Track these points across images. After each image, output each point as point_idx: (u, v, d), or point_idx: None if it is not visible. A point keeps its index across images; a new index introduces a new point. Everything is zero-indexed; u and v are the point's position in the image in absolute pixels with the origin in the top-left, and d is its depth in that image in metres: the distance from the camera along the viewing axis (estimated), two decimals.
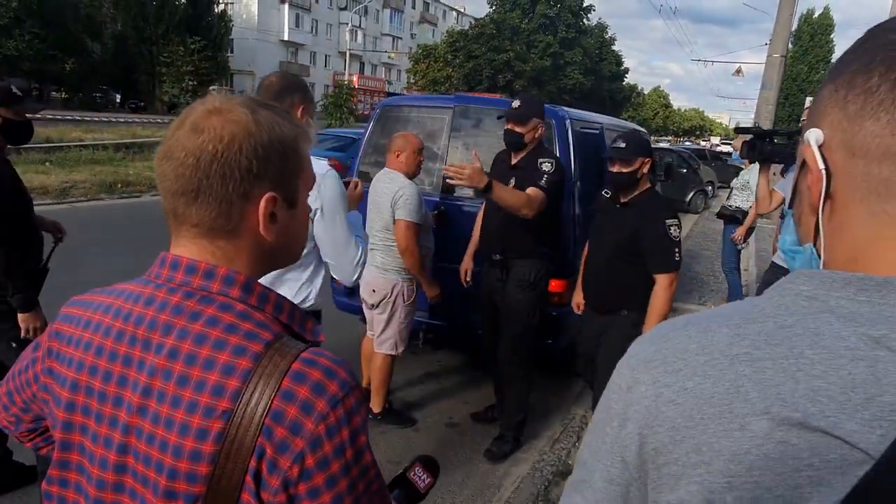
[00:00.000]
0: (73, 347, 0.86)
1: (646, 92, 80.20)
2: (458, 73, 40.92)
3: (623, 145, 2.90)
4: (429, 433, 3.69)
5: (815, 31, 52.46)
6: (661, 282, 2.81)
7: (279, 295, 0.86)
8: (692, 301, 6.82)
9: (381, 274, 3.45)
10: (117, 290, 0.87)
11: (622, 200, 2.99)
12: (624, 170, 2.88)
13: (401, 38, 62.74)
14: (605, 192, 3.16)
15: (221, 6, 40.79)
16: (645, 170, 2.90)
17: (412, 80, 46.00)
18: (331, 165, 2.19)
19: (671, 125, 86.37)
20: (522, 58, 41.60)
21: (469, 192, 3.93)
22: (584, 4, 48.73)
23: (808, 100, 29.16)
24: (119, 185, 11.33)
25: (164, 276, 0.84)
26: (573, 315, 4.04)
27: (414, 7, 66.80)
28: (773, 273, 4.24)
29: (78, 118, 23.36)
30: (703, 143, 50.12)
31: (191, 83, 14.49)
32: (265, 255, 0.87)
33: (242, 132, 0.81)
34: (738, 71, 38.65)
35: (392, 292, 3.45)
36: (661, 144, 26.17)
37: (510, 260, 3.27)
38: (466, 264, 3.66)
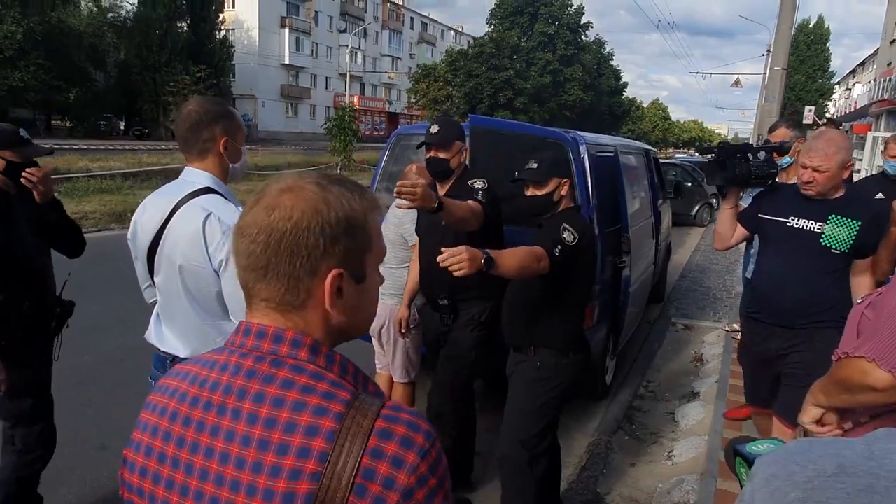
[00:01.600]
0: (150, 412, 0.88)
1: (645, 105, 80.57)
2: (459, 92, 41.22)
3: (535, 165, 2.61)
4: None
5: (812, 40, 52.80)
6: (534, 250, 2.37)
7: (343, 356, 0.88)
8: (706, 318, 6.79)
9: (380, 300, 3.44)
10: (200, 359, 0.90)
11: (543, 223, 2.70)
12: (538, 192, 2.60)
13: (400, 59, 63.29)
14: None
15: (223, 32, 41.24)
16: (563, 191, 2.62)
17: (413, 100, 46.32)
18: None
19: (671, 137, 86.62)
20: (522, 75, 41.92)
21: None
22: (582, 21, 49.17)
23: (808, 109, 29.29)
24: (129, 214, 11.37)
25: (238, 342, 0.87)
26: (595, 338, 4.05)
27: (412, 28, 67.45)
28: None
29: (84, 147, 23.52)
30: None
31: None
32: (334, 329, 0.89)
33: (311, 211, 0.83)
34: (737, 82, 38.86)
35: (393, 316, 3.40)
36: (677, 158, 26.25)
37: (459, 302, 3.00)
38: (403, 313, 3.30)
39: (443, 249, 2.09)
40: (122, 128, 39.58)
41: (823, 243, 2.60)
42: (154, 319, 2.02)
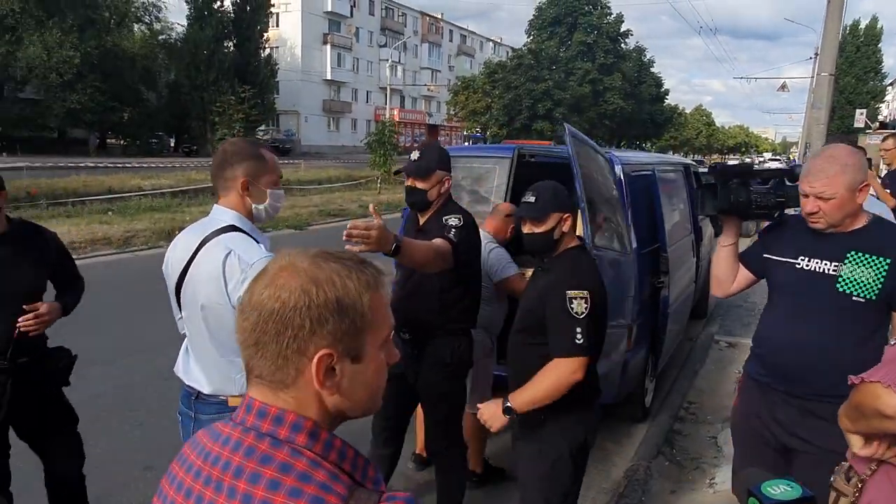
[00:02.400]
0: (167, 476, 0.92)
1: (687, 111, 79.12)
2: (498, 103, 41.26)
3: (532, 199, 2.33)
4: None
5: (862, 42, 51.09)
6: (560, 365, 2.20)
7: (343, 442, 0.87)
8: (751, 335, 6.60)
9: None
10: (211, 429, 0.92)
11: (541, 264, 2.47)
12: (536, 230, 2.32)
13: (439, 71, 63.83)
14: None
15: (267, 51, 42.40)
16: (565, 227, 2.34)
17: (452, 112, 46.57)
18: None
19: (715, 143, 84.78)
20: (561, 86, 41.69)
21: (617, 244, 3.68)
22: (622, 29, 48.70)
23: (859, 112, 28.22)
24: (177, 232, 11.77)
25: (240, 417, 0.88)
26: (634, 360, 4.01)
27: (451, 40, 68.01)
28: None
29: (136, 165, 24.44)
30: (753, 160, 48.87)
31: (241, 128, 15.27)
32: (330, 409, 0.88)
33: (299, 290, 0.83)
34: (784, 87, 37.86)
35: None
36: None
37: (420, 339, 2.80)
38: None
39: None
40: (172, 145, 41.02)
41: (841, 288, 2.09)
42: (182, 353, 2.09)
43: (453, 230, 2.60)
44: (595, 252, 3.32)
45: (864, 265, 2.08)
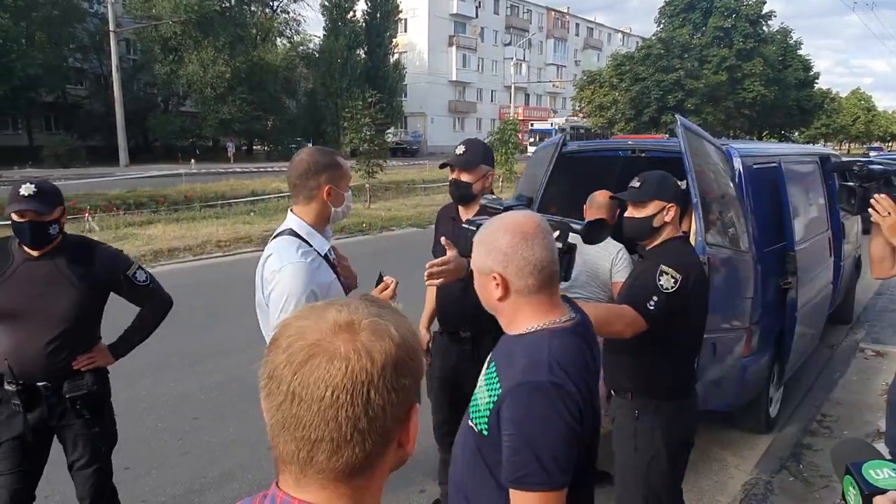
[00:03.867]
0: None
1: (843, 96, 71.54)
2: (624, 97, 39.77)
3: (637, 184, 2.37)
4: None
5: None
6: (623, 310, 2.21)
7: None
8: None
9: None
10: None
11: (642, 252, 2.47)
12: (636, 214, 2.36)
13: (565, 67, 62.73)
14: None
15: (395, 56, 44.02)
16: (668, 217, 2.32)
17: (578, 107, 45.57)
18: (381, 276, 2.10)
19: (876, 130, 75.93)
20: (694, 75, 39.32)
21: (734, 242, 3.49)
22: (764, 11, 45.05)
23: None
24: None
25: None
26: (755, 367, 3.73)
27: (577, 34, 66.57)
28: None
29: (277, 169, 26.34)
30: None
31: (369, 132, 16.05)
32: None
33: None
34: None
35: None
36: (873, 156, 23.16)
37: (481, 335, 2.70)
38: (423, 337, 3.01)
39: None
40: None
41: None
42: None
43: None
44: (708, 250, 3.16)
45: None
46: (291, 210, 2.12)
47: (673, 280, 2.18)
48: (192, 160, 27.93)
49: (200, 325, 6.51)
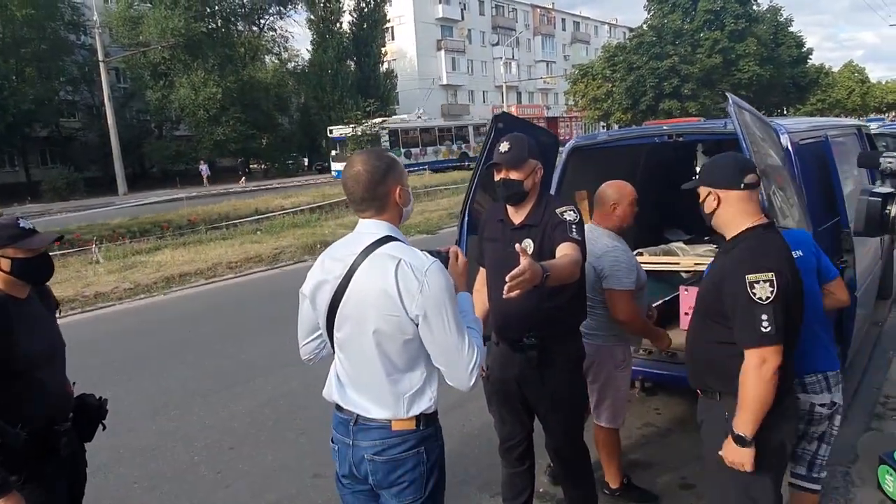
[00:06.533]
0: None
1: (835, 70, 71.35)
2: (619, 87, 39.64)
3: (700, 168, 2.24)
4: (666, 501, 3.37)
5: None
6: (750, 359, 2.03)
7: None
8: None
9: (585, 339, 2.97)
10: None
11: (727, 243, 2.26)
12: (704, 207, 2.26)
13: (554, 62, 62.60)
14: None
15: (385, 64, 43.98)
16: (732, 205, 2.17)
17: (572, 102, 45.47)
18: (440, 252, 1.91)
19: (871, 102, 75.71)
20: (688, 60, 39.21)
21: (790, 222, 3.13)
22: None
23: None
24: (318, 246, 12.39)
25: None
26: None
27: (564, 29, 66.53)
28: None
29: (277, 186, 26.26)
30: None
31: (369, 140, 15.85)
32: None
33: None
34: None
35: (600, 357, 3.11)
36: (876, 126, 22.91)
37: (548, 341, 2.58)
38: None
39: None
40: (306, 164, 43.67)
41: None
42: (333, 376, 1.96)
43: (574, 227, 2.44)
44: None
45: None
46: (367, 220, 1.89)
47: (769, 286, 1.97)
48: (205, 180, 27.98)
49: (222, 350, 6.33)
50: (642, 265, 4.45)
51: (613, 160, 4.85)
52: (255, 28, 42.15)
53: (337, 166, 30.98)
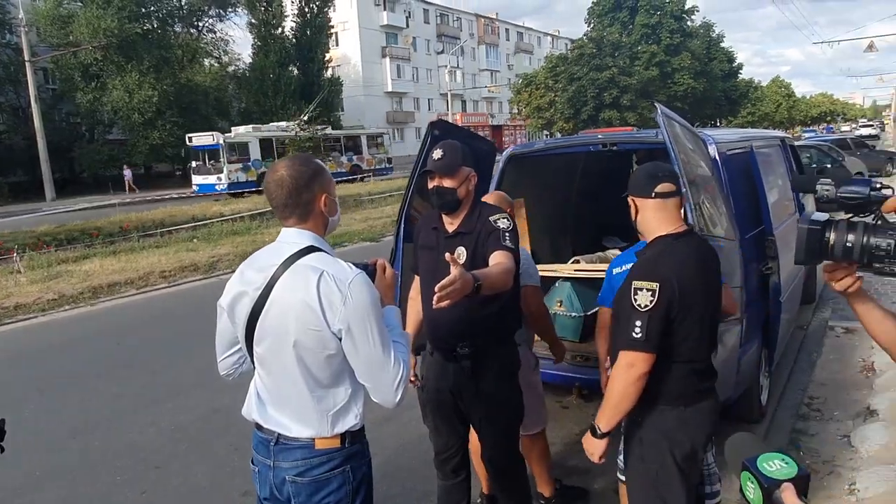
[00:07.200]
0: None
1: (764, 84, 74.98)
2: (562, 97, 40.50)
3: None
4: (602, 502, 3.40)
5: None
6: (620, 359, 2.11)
7: None
8: None
9: None
10: None
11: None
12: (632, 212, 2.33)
13: (499, 71, 63.43)
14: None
15: (329, 70, 43.47)
16: (645, 213, 2.23)
17: (516, 111, 46.16)
18: (367, 264, 1.84)
19: (797, 115, 79.91)
20: (627, 72, 40.50)
21: (719, 230, 3.29)
22: (687, 7, 46.84)
23: None
24: None
25: None
26: (746, 356, 3.65)
27: (508, 39, 67.51)
28: None
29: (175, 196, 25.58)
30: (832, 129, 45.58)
31: (310, 147, 15.40)
32: None
33: None
34: (871, 46, 35.20)
35: (524, 363, 3.04)
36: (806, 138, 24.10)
37: (481, 350, 2.55)
38: (409, 360, 2.90)
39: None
40: None
41: None
42: (253, 394, 1.87)
43: (507, 235, 2.40)
44: None
45: None
46: (290, 228, 1.80)
47: (650, 295, 2.00)
48: (129, 187, 26.63)
49: (152, 363, 6.05)
50: (578, 272, 4.54)
51: (551, 168, 4.91)
52: (193, 30, 40.97)
53: (198, 179, 27.07)
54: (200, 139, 27.48)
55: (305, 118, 16.17)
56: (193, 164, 27.71)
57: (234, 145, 27.41)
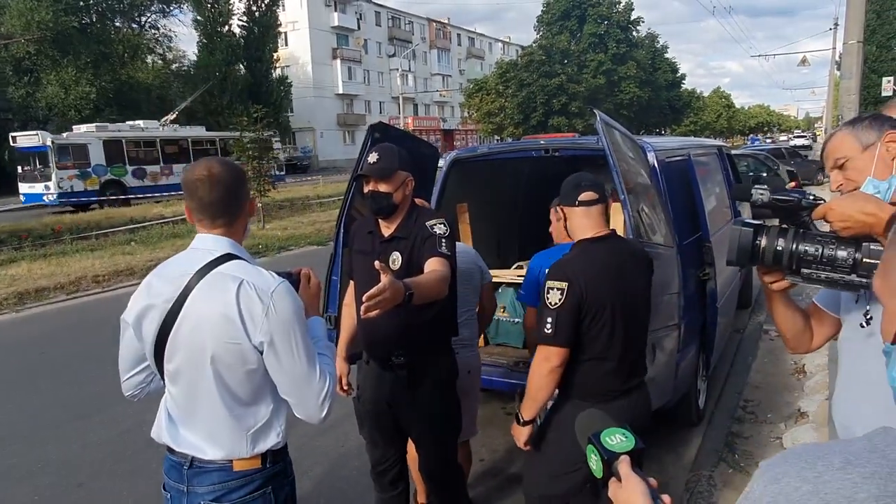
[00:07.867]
0: None
1: (706, 95, 77.72)
2: (512, 102, 40.93)
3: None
4: None
5: (882, 7, 49.64)
6: (537, 353, 2.26)
7: None
8: None
9: (470, 351, 3.03)
10: None
11: None
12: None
13: (450, 76, 63.65)
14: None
15: (278, 70, 42.66)
16: (565, 221, 2.38)
17: (467, 115, 46.40)
18: (290, 273, 1.75)
19: (736, 125, 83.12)
20: (575, 79, 41.26)
21: (658, 237, 3.31)
22: (632, 18, 48.11)
23: (886, 80, 27.33)
24: None
25: None
26: (684, 360, 3.70)
27: (460, 44, 67.84)
28: None
29: (158, 195, 24.63)
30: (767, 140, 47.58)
31: (255, 148, 14.89)
32: None
33: None
34: (804, 61, 36.95)
35: (473, 367, 3.07)
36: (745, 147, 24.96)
37: (417, 360, 2.50)
38: (343, 369, 2.71)
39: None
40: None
41: None
42: (164, 414, 1.73)
43: (444, 242, 2.33)
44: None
45: None
46: (207, 233, 1.67)
47: (560, 294, 2.14)
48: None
49: (80, 374, 5.74)
50: (522, 278, 4.53)
51: (495, 174, 4.89)
52: (134, 25, 39.59)
53: (24, 188, 22.59)
54: (25, 140, 22.89)
55: (254, 118, 15.61)
56: (20, 169, 22.94)
57: (68, 147, 22.74)
